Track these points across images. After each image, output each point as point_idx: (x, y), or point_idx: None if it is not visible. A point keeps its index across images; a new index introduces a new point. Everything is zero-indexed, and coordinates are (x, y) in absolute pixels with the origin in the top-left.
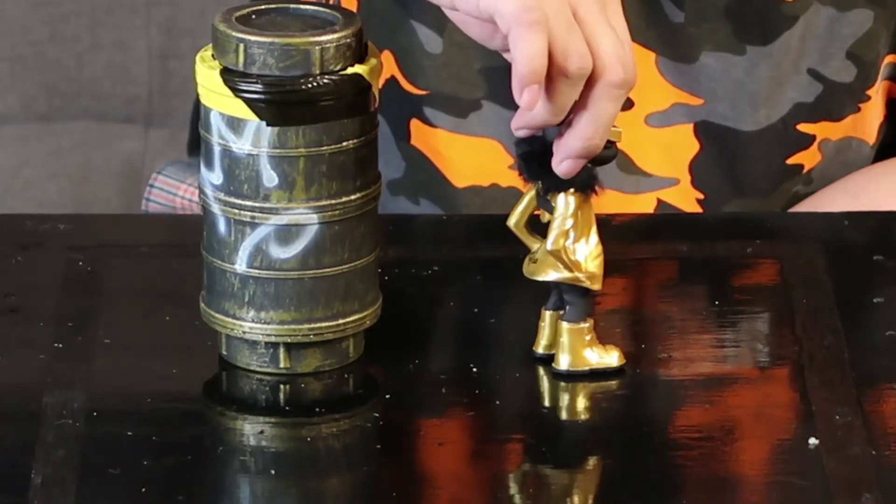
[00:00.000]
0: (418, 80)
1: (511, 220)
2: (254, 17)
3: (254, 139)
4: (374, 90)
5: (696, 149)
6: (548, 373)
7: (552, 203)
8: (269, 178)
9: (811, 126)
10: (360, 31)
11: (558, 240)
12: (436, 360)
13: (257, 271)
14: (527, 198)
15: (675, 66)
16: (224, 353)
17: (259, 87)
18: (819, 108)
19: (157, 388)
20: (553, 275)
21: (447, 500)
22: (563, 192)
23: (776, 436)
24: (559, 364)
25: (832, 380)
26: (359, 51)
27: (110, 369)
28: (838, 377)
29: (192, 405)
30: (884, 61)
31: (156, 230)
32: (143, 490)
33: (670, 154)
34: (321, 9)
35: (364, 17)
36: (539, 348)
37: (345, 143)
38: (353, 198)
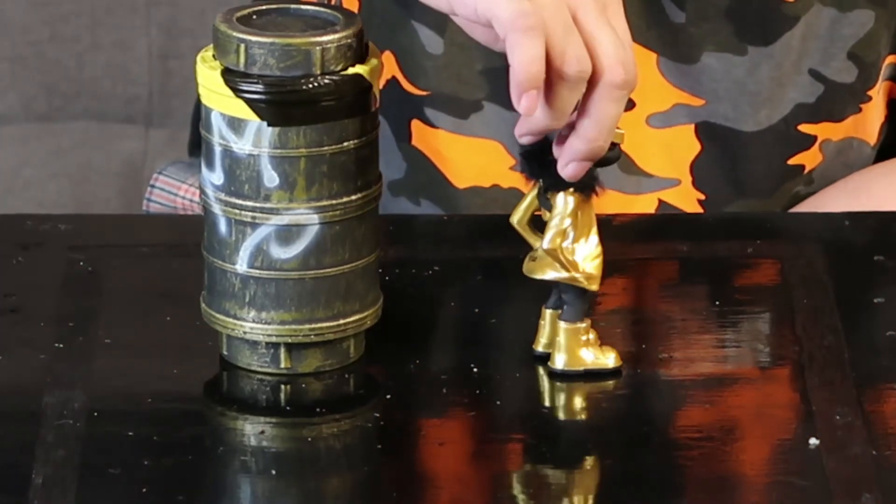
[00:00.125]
0: (419, 80)
1: (514, 217)
2: (254, 17)
3: (255, 139)
4: (375, 90)
5: (698, 149)
6: (548, 373)
7: (551, 202)
8: (270, 178)
9: (812, 126)
10: (361, 31)
11: (555, 239)
12: (436, 360)
13: (258, 271)
14: (530, 195)
15: (676, 66)
16: (225, 353)
17: (260, 88)
18: (820, 108)
19: (157, 388)
20: (551, 274)
21: (448, 500)
22: (562, 191)
23: (776, 436)
24: (555, 363)
25: (832, 380)
26: (359, 51)
27: (110, 369)
28: (838, 377)
29: (192, 405)
30: (885, 62)
31: (156, 230)
32: (144, 490)
33: (671, 155)
34: (322, 9)
35: (365, 17)
36: (539, 346)
37: (345, 144)
38: (353, 198)
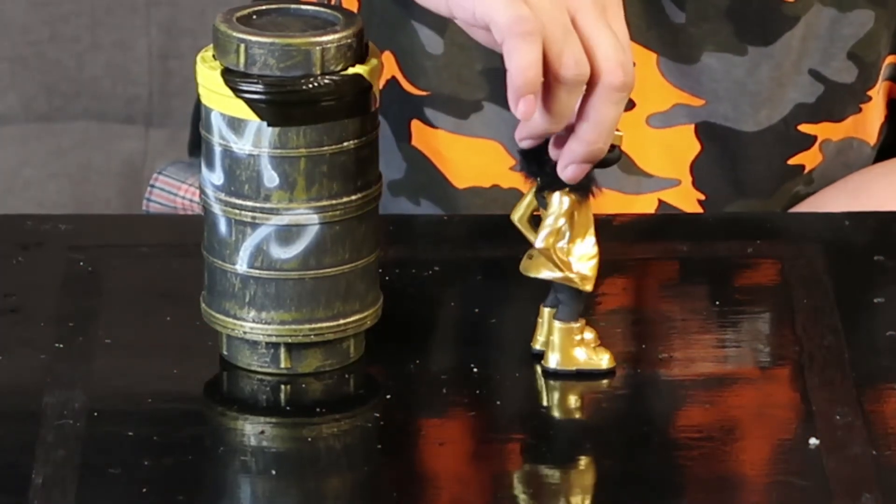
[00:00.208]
0: (419, 80)
1: (515, 214)
2: (254, 17)
3: (254, 139)
4: (375, 90)
5: (698, 149)
6: (542, 372)
7: (547, 200)
8: (270, 178)
9: (812, 126)
10: (361, 31)
11: (548, 238)
12: (436, 360)
13: (258, 271)
14: (531, 194)
15: (676, 66)
16: (225, 353)
17: (260, 88)
18: (820, 108)
19: (157, 388)
20: (546, 273)
21: (448, 500)
22: (558, 190)
23: (776, 436)
24: (548, 362)
25: (832, 380)
26: (359, 51)
27: (110, 369)
28: (838, 377)
29: (192, 405)
30: (885, 62)
31: (156, 230)
32: (144, 490)
33: (671, 155)
34: (322, 9)
35: (365, 17)
36: (537, 344)
37: (345, 144)
38: (353, 198)
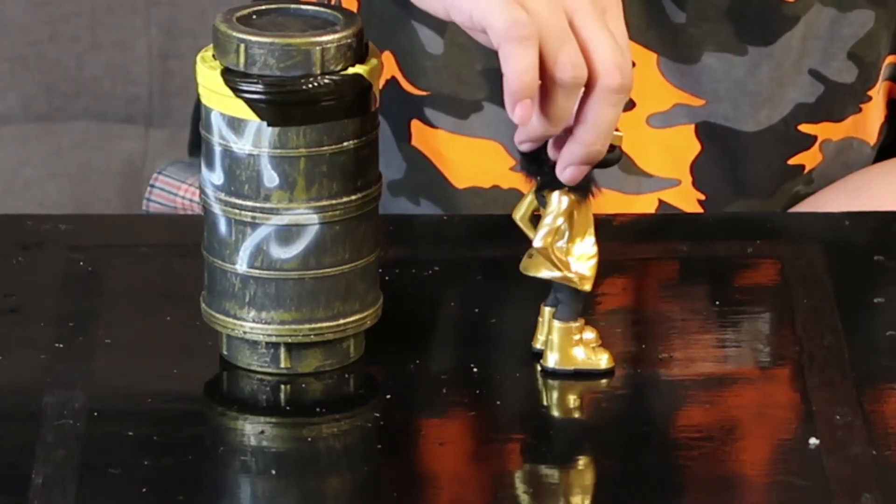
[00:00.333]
0: (419, 80)
1: (516, 213)
2: (254, 17)
3: (254, 139)
4: (375, 90)
5: (698, 149)
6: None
7: (546, 199)
8: (270, 178)
9: (812, 126)
10: (361, 31)
11: (546, 237)
12: (436, 360)
13: (258, 271)
14: (532, 192)
15: (676, 66)
16: (225, 353)
17: (260, 88)
18: (820, 108)
19: (157, 388)
20: (545, 273)
21: (447, 500)
22: (556, 190)
23: (776, 436)
24: (547, 361)
25: (832, 380)
26: (359, 51)
27: (110, 369)
28: (838, 377)
29: (192, 405)
30: (885, 62)
31: (156, 230)
32: (144, 490)
33: (671, 155)
34: (322, 9)
35: (364, 17)
36: (537, 344)
37: (345, 144)
38: (353, 198)
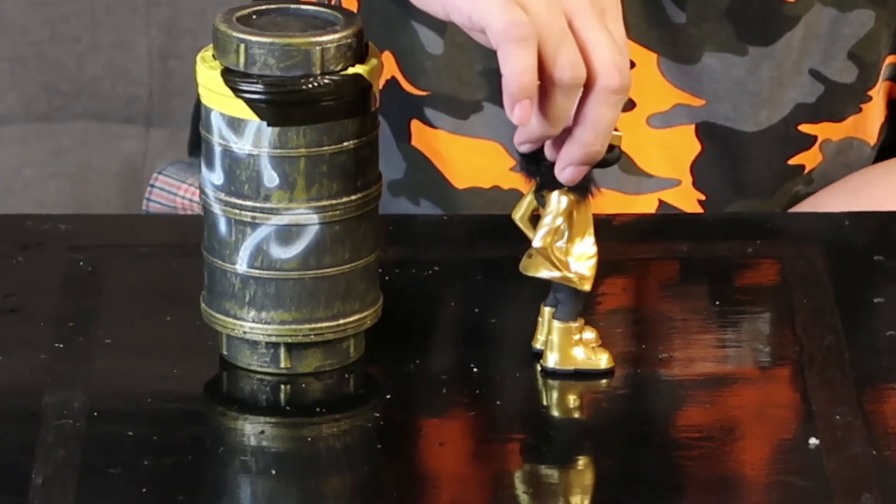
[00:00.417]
0: (419, 80)
1: (516, 213)
2: (254, 17)
3: (254, 139)
4: (375, 90)
5: (698, 150)
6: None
7: (546, 199)
8: (270, 178)
9: (812, 126)
10: (361, 31)
11: (546, 237)
12: (436, 360)
13: (258, 271)
14: (532, 192)
15: (676, 66)
16: (225, 353)
17: (260, 88)
18: (820, 108)
19: (157, 388)
20: (544, 273)
21: (447, 500)
22: (556, 190)
23: (776, 436)
24: (547, 361)
25: (832, 380)
26: (359, 51)
27: (110, 369)
28: (838, 377)
29: (192, 405)
30: (885, 62)
31: (156, 230)
32: (143, 490)
33: (671, 155)
34: (322, 9)
35: (364, 17)
36: (537, 344)
37: (345, 144)
38: (353, 198)
